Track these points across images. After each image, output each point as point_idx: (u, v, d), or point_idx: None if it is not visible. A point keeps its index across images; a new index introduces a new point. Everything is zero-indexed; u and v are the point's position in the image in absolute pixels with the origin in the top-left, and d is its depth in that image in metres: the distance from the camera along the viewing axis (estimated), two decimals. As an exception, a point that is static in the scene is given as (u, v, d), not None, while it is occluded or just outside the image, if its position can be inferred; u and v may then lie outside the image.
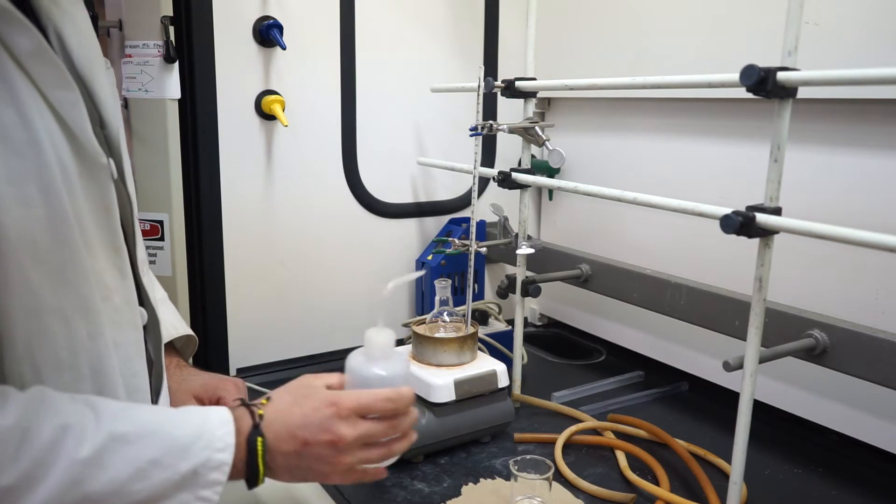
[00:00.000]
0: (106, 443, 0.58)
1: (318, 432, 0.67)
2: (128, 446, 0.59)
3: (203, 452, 0.63)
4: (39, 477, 0.54)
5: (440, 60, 1.52)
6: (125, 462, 0.59)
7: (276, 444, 0.67)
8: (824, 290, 1.09)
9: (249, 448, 0.66)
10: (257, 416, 0.68)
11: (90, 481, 0.57)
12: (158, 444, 0.61)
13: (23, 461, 0.54)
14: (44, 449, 0.55)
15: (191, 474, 0.61)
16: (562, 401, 1.25)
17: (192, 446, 0.62)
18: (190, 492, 0.62)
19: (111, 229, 0.67)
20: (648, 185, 1.36)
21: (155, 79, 1.24)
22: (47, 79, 0.59)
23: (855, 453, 1.08)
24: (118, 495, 0.58)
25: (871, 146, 1.03)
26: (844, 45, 1.01)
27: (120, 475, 0.58)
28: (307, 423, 0.68)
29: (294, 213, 1.40)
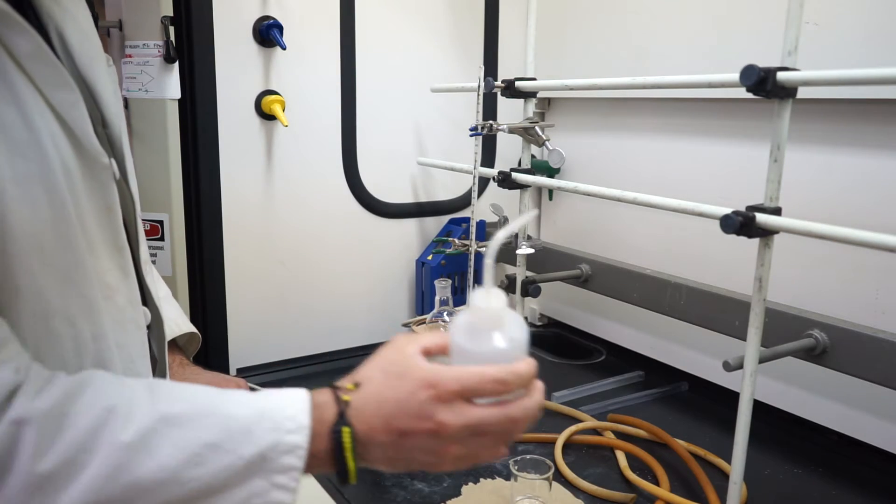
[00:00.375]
0: (154, 425, 0.53)
1: (417, 420, 0.57)
2: (179, 429, 0.54)
3: (270, 434, 0.55)
4: (81, 462, 0.50)
5: (440, 60, 1.52)
6: (177, 446, 0.53)
7: (369, 434, 0.58)
8: (824, 290, 1.09)
9: (335, 440, 0.57)
10: (342, 403, 0.59)
11: (137, 467, 0.51)
12: (216, 425, 0.55)
13: (62, 446, 0.50)
14: (85, 433, 0.51)
15: (258, 459, 0.54)
16: (562, 401, 1.25)
17: (255, 428, 0.55)
18: (263, 478, 0.55)
19: (113, 229, 0.66)
20: (648, 185, 1.36)
21: (155, 79, 1.24)
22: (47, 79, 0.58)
23: (855, 453, 1.08)
24: (172, 483, 0.52)
25: (871, 146, 1.03)
26: (844, 45, 1.01)
27: (171, 461, 0.52)
28: (403, 410, 0.57)
29: (294, 213, 1.40)
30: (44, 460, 0.49)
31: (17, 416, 0.50)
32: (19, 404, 0.50)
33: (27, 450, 0.49)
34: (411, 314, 1.56)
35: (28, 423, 0.50)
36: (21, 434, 0.49)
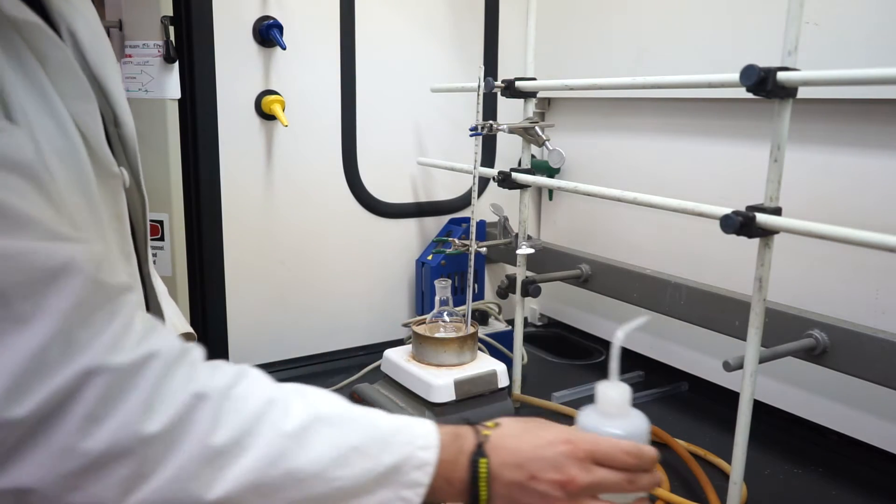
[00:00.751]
0: (310, 422, 0.56)
1: (549, 469, 0.61)
2: (331, 428, 0.57)
3: (405, 447, 0.59)
4: (247, 445, 0.53)
5: (440, 60, 1.52)
6: (328, 444, 0.56)
7: (501, 470, 0.62)
8: (824, 290, 1.09)
9: (472, 469, 0.61)
10: (482, 436, 0.63)
11: (294, 457, 0.54)
12: (361, 431, 0.58)
13: (232, 425, 0.53)
14: (252, 418, 0.54)
15: (392, 470, 0.57)
16: (562, 401, 1.25)
17: (393, 439, 0.59)
18: (391, 489, 0.57)
19: (123, 236, 0.67)
20: (648, 185, 1.36)
21: (155, 79, 1.24)
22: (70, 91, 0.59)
23: (855, 453, 1.08)
24: (321, 479, 0.55)
25: (871, 146, 1.03)
26: (844, 45, 1.01)
27: (323, 457, 0.55)
28: (539, 455, 0.62)
29: (294, 212, 1.40)
30: (217, 434, 0.52)
31: (199, 390, 0.52)
32: (199, 380, 0.53)
33: (204, 422, 0.52)
34: (411, 314, 1.56)
35: (207, 399, 0.52)
36: (200, 407, 0.52)
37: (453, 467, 0.61)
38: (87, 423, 0.48)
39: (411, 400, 1.07)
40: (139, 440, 0.49)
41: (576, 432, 0.64)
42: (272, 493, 0.53)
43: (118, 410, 0.49)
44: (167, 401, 0.51)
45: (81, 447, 0.48)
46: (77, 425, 0.48)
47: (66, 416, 0.48)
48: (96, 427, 0.48)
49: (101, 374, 0.49)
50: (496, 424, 0.65)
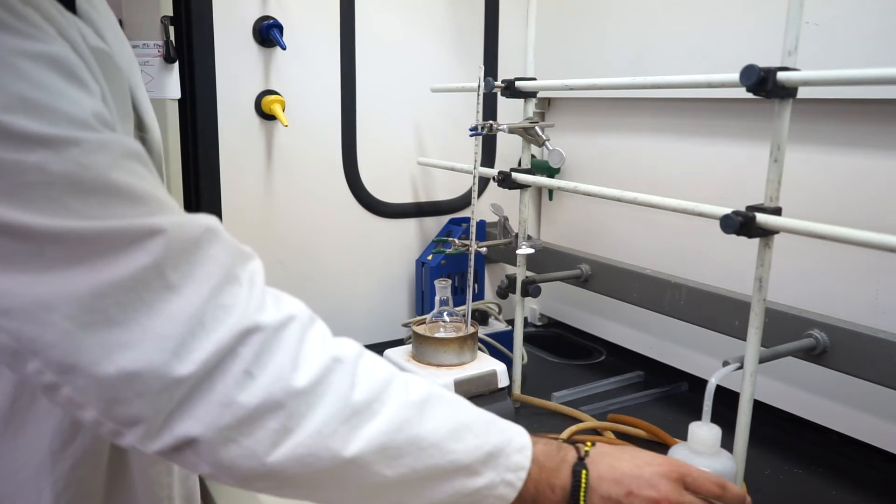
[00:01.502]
0: (428, 397, 0.59)
1: (645, 486, 0.64)
2: (445, 406, 0.60)
3: (505, 432, 0.62)
4: (377, 409, 0.56)
5: (440, 60, 1.52)
6: (444, 418, 0.59)
7: (599, 483, 0.64)
8: (824, 290, 1.09)
9: (574, 478, 0.64)
10: (582, 451, 0.67)
11: (417, 425, 0.57)
12: (469, 411, 0.62)
13: (368, 389, 0.56)
14: (382, 384, 0.57)
15: (496, 450, 0.60)
16: (562, 401, 1.25)
17: (495, 422, 0.62)
18: (496, 471, 0.60)
19: None
20: (648, 185, 1.36)
21: (155, 79, 1.23)
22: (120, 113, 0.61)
23: (855, 453, 1.08)
24: (438, 449, 0.58)
25: (871, 146, 1.03)
26: (844, 45, 1.01)
27: (440, 428, 0.58)
28: (636, 473, 0.65)
29: (294, 212, 1.40)
30: (354, 394, 0.55)
31: (336, 354, 0.56)
32: (333, 347, 0.57)
33: (343, 382, 0.55)
34: (411, 314, 1.56)
35: (343, 362, 0.56)
36: (338, 368, 0.55)
37: (556, 474, 0.63)
38: (244, 377, 0.51)
39: (411, 400, 1.07)
40: (289, 394, 0.52)
41: (670, 457, 0.68)
42: (397, 456, 0.56)
43: (270, 366, 0.52)
44: (310, 359, 0.55)
45: (240, 400, 0.51)
46: (235, 380, 0.51)
47: (227, 372, 0.51)
48: (252, 381, 0.51)
49: (255, 333, 0.52)
50: (593, 444, 0.68)
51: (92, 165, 0.48)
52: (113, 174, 0.49)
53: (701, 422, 0.74)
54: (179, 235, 0.51)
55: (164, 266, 0.50)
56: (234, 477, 0.54)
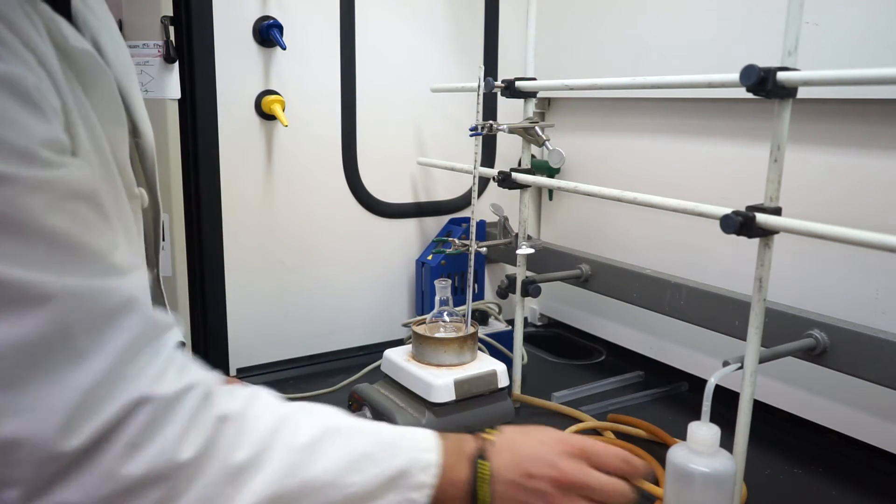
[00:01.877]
0: (321, 434, 0.59)
1: (544, 466, 0.66)
2: (341, 438, 0.60)
3: (410, 451, 0.62)
4: (263, 461, 0.56)
5: (440, 60, 1.52)
6: (340, 452, 0.59)
7: (499, 471, 0.66)
8: (824, 290, 1.09)
9: (473, 470, 0.65)
10: (483, 441, 0.67)
11: (308, 468, 0.57)
12: (369, 438, 0.62)
13: (251, 444, 0.56)
14: (267, 435, 0.57)
15: (399, 474, 0.61)
16: (562, 401, 1.25)
17: (398, 444, 0.63)
18: (399, 493, 0.61)
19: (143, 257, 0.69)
20: (648, 185, 1.36)
21: (155, 79, 1.23)
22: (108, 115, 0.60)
23: (855, 453, 1.08)
24: (334, 486, 0.58)
25: (871, 146, 1.03)
26: (844, 45, 1.01)
27: (335, 465, 0.58)
28: (536, 455, 0.67)
29: (294, 212, 1.40)
30: (238, 454, 0.55)
31: (222, 413, 0.55)
32: (221, 403, 0.56)
33: (227, 443, 0.55)
34: (411, 314, 1.56)
35: (229, 421, 0.56)
36: (224, 429, 0.55)
37: (456, 469, 0.64)
38: (129, 449, 0.51)
39: (411, 400, 1.07)
40: (173, 466, 0.52)
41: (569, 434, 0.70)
42: (292, 502, 0.56)
43: (158, 438, 0.52)
44: (199, 428, 0.54)
45: (122, 472, 0.50)
46: (120, 452, 0.50)
47: (112, 444, 0.50)
48: (137, 453, 0.51)
49: (146, 405, 0.52)
50: (498, 431, 0.69)
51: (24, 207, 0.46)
52: (47, 218, 0.47)
53: (700, 422, 0.74)
54: (98, 301, 0.50)
55: (72, 332, 0.48)
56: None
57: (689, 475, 0.74)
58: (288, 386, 1.32)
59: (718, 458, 0.74)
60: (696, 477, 0.73)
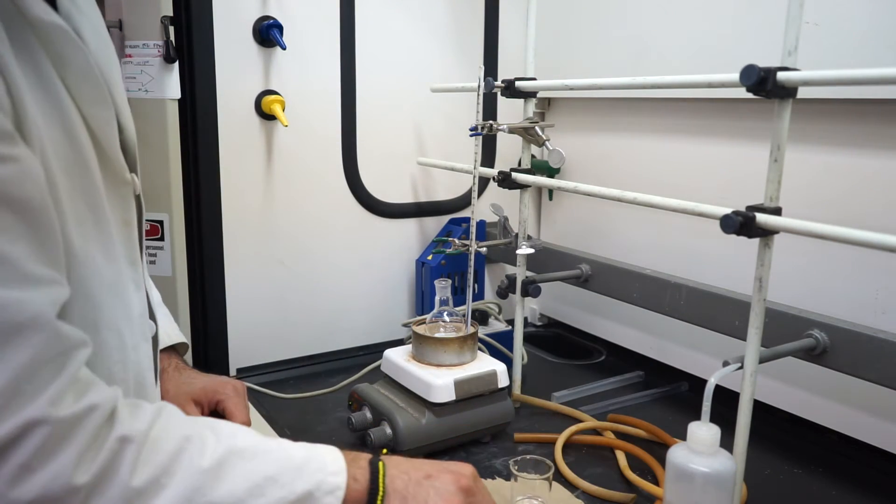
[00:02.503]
0: (226, 456, 0.59)
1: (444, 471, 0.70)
2: (246, 461, 0.59)
3: (317, 474, 0.62)
4: (164, 483, 0.55)
5: (440, 60, 1.52)
6: (243, 476, 0.58)
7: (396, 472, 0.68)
8: (824, 290, 1.09)
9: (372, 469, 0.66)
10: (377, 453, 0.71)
11: (210, 491, 0.57)
12: (275, 461, 0.61)
13: (152, 466, 0.55)
14: (169, 457, 0.56)
15: (306, 496, 0.61)
16: (562, 401, 1.25)
17: (306, 466, 0.62)
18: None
19: (131, 242, 0.68)
20: (648, 185, 1.35)
21: (155, 79, 1.23)
22: (87, 96, 0.59)
23: (855, 453, 1.08)
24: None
25: (871, 146, 1.03)
26: (844, 45, 1.01)
27: (238, 489, 0.58)
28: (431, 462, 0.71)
29: (294, 212, 1.40)
30: (137, 477, 0.54)
31: (123, 433, 0.54)
32: (123, 423, 0.55)
33: (126, 465, 0.53)
34: (411, 314, 1.56)
35: (130, 442, 0.54)
36: (124, 451, 0.54)
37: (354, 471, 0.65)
38: (21, 471, 0.49)
39: (411, 400, 1.07)
40: (68, 490, 0.50)
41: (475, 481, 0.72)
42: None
43: (52, 462, 0.50)
44: (98, 450, 0.53)
45: (11, 495, 0.49)
46: (11, 474, 0.49)
47: (2, 466, 0.48)
48: (29, 476, 0.49)
49: (41, 426, 0.50)
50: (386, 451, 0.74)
51: None
52: None
53: (700, 422, 0.75)
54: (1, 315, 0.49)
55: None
56: None
57: (689, 475, 0.74)
58: (288, 386, 1.32)
59: (718, 458, 0.74)
60: (696, 477, 0.73)
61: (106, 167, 0.62)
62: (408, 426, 1.02)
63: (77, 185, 0.58)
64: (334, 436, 1.13)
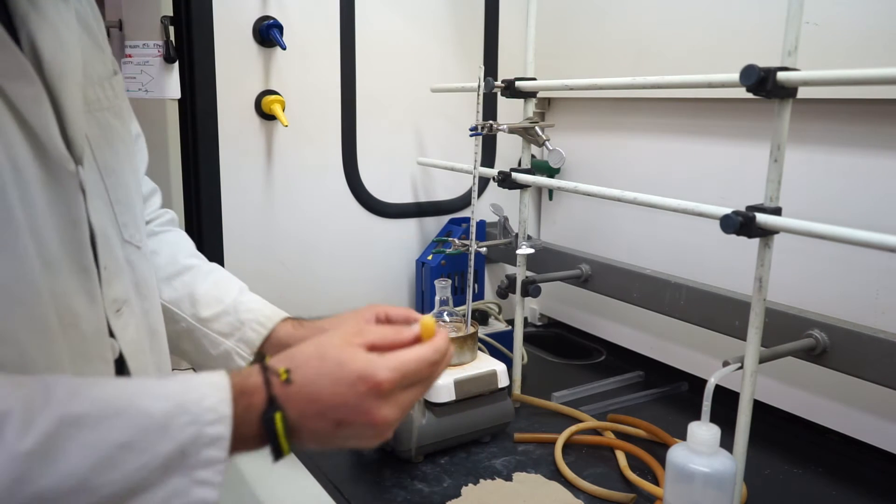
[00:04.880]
0: (56, 429, 0.47)
1: (355, 414, 0.57)
2: (86, 431, 0.48)
3: (188, 428, 0.51)
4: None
5: (440, 60, 1.52)
6: (84, 450, 0.48)
7: (302, 421, 0.56)
8: (824, 290, 1.09)
9: (267, 428, 0.55)
10: (274, 388, 0.56)
11: (40, 477, 0.46)
12: (127, 424, 0.50)
13: None
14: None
15: (177, 455, 0.51)
16: (562, 401, 1.25)
17: (171, 423, 0.51)
18: (182, 475, 0.51)
19: (79, 247, 0.58)
20: (648, 185, 1.36)
21: (155, 79, 1.24)
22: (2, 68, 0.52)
23: (855, 453, 1.08)
24: (83, 491, 0.47)
25: (871, 146, 1.03)
26: (844, 45, 1.01)
27: (79, 467, 0.47)
28: (341, 403, 0.57)
29: (294, 213, 1.40)
30: None
31: None
32: None
33: None
34: (411, 314, 1.56)
35: None
36: None
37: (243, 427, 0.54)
38: None
39: (411, 400, 1.07)
40: None
41: (375, 366, 0.57)
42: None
43: None
44: None
45: None
46: None
47: None
48: None
49: None
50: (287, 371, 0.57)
51: None
52: None
53: (700, 422, 0.75)
54: None
55: None
56: None
57: (689, 475, 0.74)
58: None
59: (718, 458, 0.74)
60: (696, 477, 0.73)
61: (40, 154, 0.55)
62: (408, 426, 1.02)
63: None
64: (334, 436, 1.13)
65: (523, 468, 1.03)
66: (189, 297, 0.87)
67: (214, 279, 0.92)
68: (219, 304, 0.87)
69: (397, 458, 1.04)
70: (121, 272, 0.65)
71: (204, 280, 0.90)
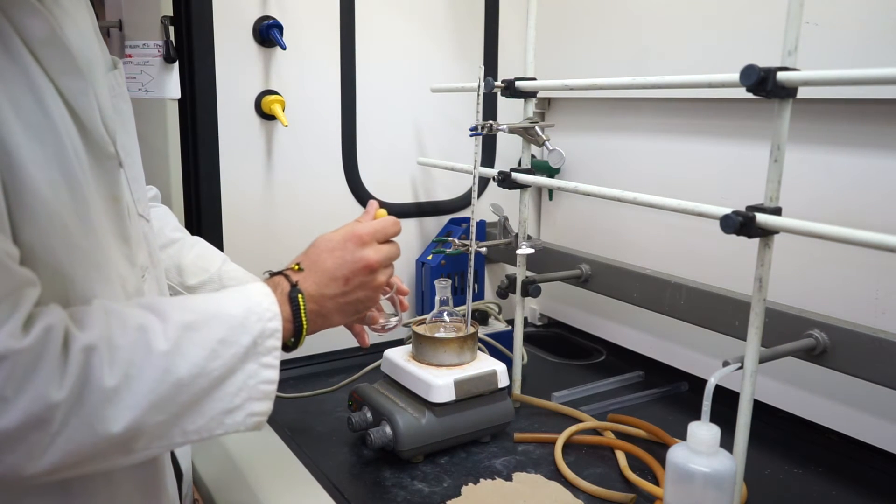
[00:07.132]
0: (180, 333, 0.63)
1: (353, 265, 0.79)
2: (198, 332, 0.64)
3: (257, 325, 0.68)
4: (134, 375, 0.59)
5: (440, 60, 1.52)
6: (200, 346, 0.64)
7: (321, 290, 0.78)
8: (824, 290, 1.09)
9: (292, 305, 0.74)
10: (293, 279, 0.77)
11: (176, 369, 0.62)
12: (221, 324, 0.66)
13: (119, 364, 0.59)
14: (131, 350, 0.60)
15: (252, 346, 0.67)
16: (562, 401, 1.25)
17: (246, 321, 0.68)
18: (254, 361, 0.68)
19: (120, 220, 0.69)
20: (648, 185, 1.36)
21: (155, 79, 1.24)
22: (57, 65, 0.60)
23: (855, 453, 1.08)
24: (201, 376, 0.63)
25: (871, 146, 1.03)
26: (844, 45, 1.01)
27: (198, 358, 0.63)
28: (341, 262, 0.79)
29: (294, 213, 1.40)
30: (109, 377, 0.58)
31: (85, 343, 0.57)
32: (81, 335, 0.58)
33: (97, 370, 0.57)
34: (411, 314, 1.56)
35: (94, 349, 0.58)
36: (91, 358, 0.57)
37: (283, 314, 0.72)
38: None
39: (411, 400, 1.07)
40: (49, 407, 0.55)
41: (353, 227, 0.84)
42: (167, 404, 0.61)
43: (28, 386, 0.54)
44: (69, 365, 0.56)
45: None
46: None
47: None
48: (7, 406, 0.53)
49: (6, 359, 0.53)
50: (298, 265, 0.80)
51: None
52: None
53: (700, 422, 0.75)
54: None
55: None
56: (2, 488, 0.58)
57: (689, 475, 0.74)
58: (288, 386, 1.32)
59: (718, 458, 0.74)
60: (696, 477, 0.73)
61: (87, 139, 0.63)
62: (408, 426, 1.02)
63: (49, 152, 0.59)
64: (334, 435, 1.13)
65: (523, 468, 1.03)
66: (176, 267, 1.01)
67: (199, 251, 1.04)
68: (204, 273, 1.01)
69: (397, 458, 1.04)
70: (141, 242, 0.77)
71: (189, 251, 1.03)
